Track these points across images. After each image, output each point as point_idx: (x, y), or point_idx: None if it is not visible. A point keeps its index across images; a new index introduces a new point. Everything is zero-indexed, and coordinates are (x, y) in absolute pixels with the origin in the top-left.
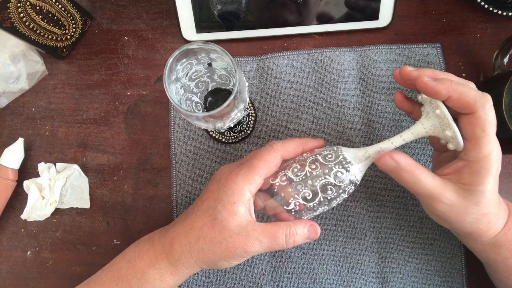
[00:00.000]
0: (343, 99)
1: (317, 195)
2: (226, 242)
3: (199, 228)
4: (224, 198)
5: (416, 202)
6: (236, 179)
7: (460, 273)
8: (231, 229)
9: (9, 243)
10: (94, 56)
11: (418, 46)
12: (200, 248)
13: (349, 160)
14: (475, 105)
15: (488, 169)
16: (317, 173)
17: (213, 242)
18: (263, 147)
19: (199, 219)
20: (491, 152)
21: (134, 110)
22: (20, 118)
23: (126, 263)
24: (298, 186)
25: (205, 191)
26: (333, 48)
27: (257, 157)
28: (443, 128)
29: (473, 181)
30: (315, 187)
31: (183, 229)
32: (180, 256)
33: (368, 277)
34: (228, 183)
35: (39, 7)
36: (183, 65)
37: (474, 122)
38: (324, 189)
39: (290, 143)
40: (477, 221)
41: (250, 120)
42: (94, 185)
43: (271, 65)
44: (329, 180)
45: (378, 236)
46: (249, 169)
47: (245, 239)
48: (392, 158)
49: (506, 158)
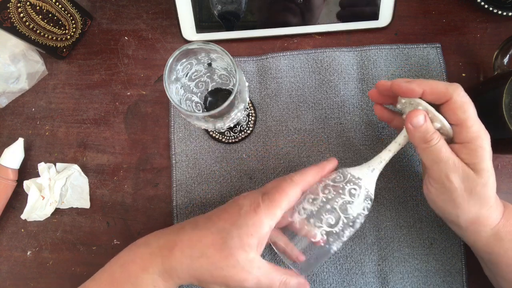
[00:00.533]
0: (343, 99)
1: (339, 217)
2: (228, 270)
3: (206, 245)
4: (243, 227)
5: (416, 202)
6: (259, 211)
7: (460, 273)
8: (238, 259)
9: (9, 243)
10: (94, 56)
11: (418, 46)
12: (200, 265)
13: (358, 176)
14: (447, 91)
15: (483, 147)
16: (332, 196)
17: (215, 265)
18: (281, 179)
19: (210, 235)
20: (479, 131)
21: (134, 110)
22: (20, 118)
23: (119, 267)
24: (319, 215)
25: (223, 210)
26: (333, 48)
27: (279, 191)
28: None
29: (473, 160)
30: (335, 210)
31: (189, 238)
32: (176, 264)
33: (368, 277)
34: (251, 213)
35: (39, 7)
36: (183, 65)
37: (453, 107)
38: (344, 209)
39: (309, 173)
40: (481, 204)
41: (250, 120)
42: (94, 185)
43: (271, 65)
44: (346, 198)
45: (378, 236)
46: (271, 202)
47: (247, 275)
48: (423, 114)
49: (506, 158)
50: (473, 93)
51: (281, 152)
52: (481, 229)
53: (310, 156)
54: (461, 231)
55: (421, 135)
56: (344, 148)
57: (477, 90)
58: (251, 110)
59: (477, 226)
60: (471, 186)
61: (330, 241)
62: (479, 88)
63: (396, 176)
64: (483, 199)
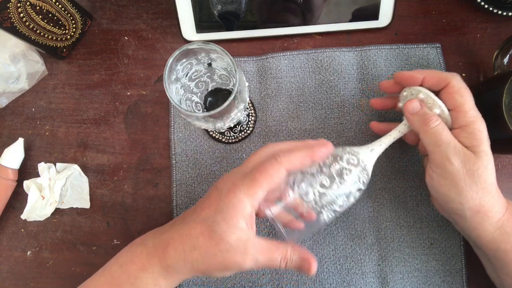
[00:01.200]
0: (343, 99)
1: (333, 179)
2: (222, 255)
3: (195, 236)
4: (225, 210)
5: (416, 202)
6: (238, 192)
7: (460, 273)
8: (229, 242)
9: (9, 243)
10: (94, 56)
11: (418, 46)
12: (195, 258)
13: (356, 151)
14: (446, 77)
15: (481, 130)
16: (329, 161)
17: (208, 254)
18: (267, 159)
19: (197, 227)
20: (476, 117)
21: (134, 110)
22: (20, 118)
23: (118, 268)
24: (314, 177)
25: (206, 198)
26: (333, 48)
27: (260, 171)
28: (429, 109)
29: (473, 142)
30: (331, 173)
31: (179, 234)
32: (173, 262)
33: (368, 277)
34: (230, 195)
35: (39, 7)
36: (183, 65)
37: (452, 91)
38: (340, 174)
39: (296, 155)
40: (483, 190)
41: (250, 120)
42: (94, 185)
43: (271, 65)
44: (343, 164)
45: (378, 236)
46: (251, 182)
47: (242, 255)
48: (419, 102)
49: (506, 158)
50: (473, 93)
51: None
52: (485, 220)
53: None
54: (465, 223)
55: (420, 118)
56: None
57: (477, 90)
58: (251, 110)
59: (481, 216)
60: (472, 169)
61: (322, 204)
62: (479, 88)
63: (396, 176)
64: (485, 185)
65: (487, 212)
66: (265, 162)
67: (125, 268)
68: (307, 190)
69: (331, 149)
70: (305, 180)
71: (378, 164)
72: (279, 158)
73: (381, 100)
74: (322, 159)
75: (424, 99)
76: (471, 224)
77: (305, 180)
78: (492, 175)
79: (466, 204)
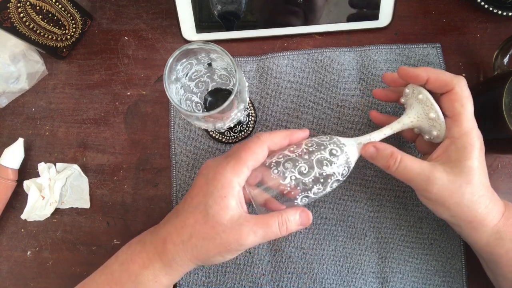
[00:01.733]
0: (343, 99)
1: (312, 169)
2: (220, 237)
3: (191, 225)
4: (214, 192)
5: (416, 202)
6: (225, 172)
7: (460, 273)
8: (223, 223)
9: (9, 243)
10: (94, 56)
11: (418, 46)
12: (194, 245)
13: (343, 142)
14: (451, 82)
15: (472, 144)
16: (313, 149)
17: (206, 238)
18: (249, 139)
19: (190, 216)
20: (472, 128)
21: (134, 110)
22: (20, 118)
23: (119, 266)
24: (295, 161)
25: (193, 187)
26: (333, 48)
27: (245, 149)
28: (426, 112)
29: (460, 157)
30: (311, 162)
31: (175, 228)
32: (174, 256)
33: (368, 277)
34: (217, 177)
35: (39, 7)
36: (183, 65)
37: (453, 98)
38: (320, 164)
39: (277, 134)
40: (473, 203)
41: (250, 120)
42: (94, 185)
43: (271, 65)
44: (325, 155)
45: (378, 236)
46: (236, 161)
47: (239, 232)
48: (373, 146)
49: (506, 158)
50: (473, 93)
51: None
52: (480, 228)
53: None
54: (460, 230)
55: (380, 163)
56: None
57: (477, 90)
58: (251, 110)
59: (475, 225)
60: (454, 187)
61: (297, 189)
62: (479, 88)
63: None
64: (473, 198)
65: (481, 221)
66: (248, 141)
67: (126, 267)
68: (285, 174)
69: (307, 134)
70: (285, 164)
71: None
72: (261, 136)
73: (384, 92)
74: (298, 140)
75: (422, 100)
76: (465, 231)
77: (285, 164)
78: (480, 187)
79: (457, 217)
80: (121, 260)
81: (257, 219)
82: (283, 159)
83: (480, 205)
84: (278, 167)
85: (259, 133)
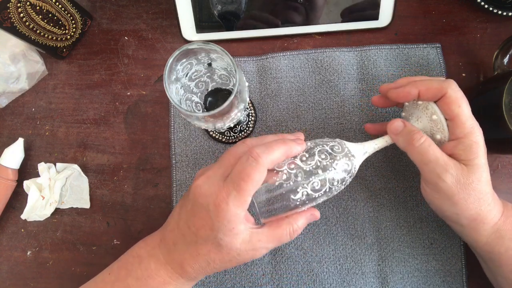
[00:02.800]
0: (343, 99)
1: (324, 185)
2: (236, 259)
3: (205, 254)
4: (222, 227)
5: (416, 202)
6: (228, 208)
7: (460, 273)
8: (237, 248)
9: (9, 243)
10: (94, 56)
11: (418, 46)
12: (213, 268)
13: (353, 154)
14: (443, 87)
15: (477, 142)
16: (327, 163)
17: (223, 262)
18: (246, 160)
19: (203, 247)
20: (473, 127)
21: (134, 110)
22: (20, 118)
23: (135, 281)
24: (308, 175)
25: (193, 215)
26: (333, 48)
27: (244, 179)
28: (428, 116)
29: (469, 156)
30: (325, 178)
31: (190, 255)
32: (196, 276)
33: (368, 277)
34: (221, 213)
35: (39, 7)
36: (183, 65)
37: (449, 102)
38: (332, 181)
39: (275, 152)
40: (479, 201)
41: (250, 120)
42: (94, 185)
43: (271, 65)
44: (338, 172)
45: (378, 236)
46: (238, 193)
47: (253, 251)
48: (401, 121)
49: (506, 158)
50: (473, 93)
51: None
52: (481, 226)
53: None
54: (461, 229)
55: (404, 138)
56: None
57: (477, 90)
58: (251, 110)
59: (477, 223)
60: (466, 182)
61: (304, 202)
62: (479, 88)
63: (396, 176)
64: (480, 195)
65: (483, 219)
66: (246, 168)
67: (145, 282)
68: (297, 189)
69: (304, 147)
70: (298, 177)
71: (378, 164)
72: (260, 160)
73: (383, 99)
74: (296, 154)
75: (435, 120)
76: (467, 230)
77: (297, 176)
78: (487, 185)
79: (461, 214)
80: (136, 276)
81: (268, 234)
82: (295, 170)
83: (484, 203)
84: (289, 181)
85: (256, 153)
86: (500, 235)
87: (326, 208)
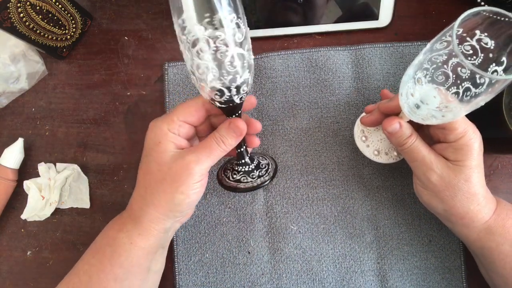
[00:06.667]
0: (338, 98)
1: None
2: (168, 174)
3: (141, 179)
4: (150, 142)
5: (414, 199)
6: (155, 123)
7: (459, 270)
8: (167, 162)
9: (9, 243)
10: (94, 56)
11: (413, 44)
12: (150, 193)
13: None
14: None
15: (470, 145)
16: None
17: (158, 181)
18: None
19: (139, 172)
20: (466, 130)
21: (134, 110)
22: (20, 118)
23: (100, 236)
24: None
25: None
26: (327, 47)
27: (178, 106)
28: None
29: (459, 158)
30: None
31: (134, 190)
32: (140, 212)
33: (367, 275)
34: (149, 133)
35: (39, 7)
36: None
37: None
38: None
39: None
40: (467, 200)
41: None
42: (94, 185)
43: (265, 64)
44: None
45: (376, 234)
46: (167, 115)
47: (183, 161)
48: (398, 122)
49: (506, 158)
50: None
51: (278, 151)
52: (471, 224)
53: (307, 155)
54: (452, 226)
55: (397, 140)
56: (341, 147)
57: None
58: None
59: (466, 221)
60: (452, 182)
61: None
62: None
63: (394, 174)
64: (468, 195)
65: (472, 218)
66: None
67: (105, 234)
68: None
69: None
70: None
71: (375, 162)
72: (201, 98)
73: (370, 119)
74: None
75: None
76: (457, 227)
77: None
78: (476, 185)
79: (449, 211)
80: (103, 230)
81: (197, 146)
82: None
83: (473, 202)
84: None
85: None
86: (490, 231)
87: (324, 207)
